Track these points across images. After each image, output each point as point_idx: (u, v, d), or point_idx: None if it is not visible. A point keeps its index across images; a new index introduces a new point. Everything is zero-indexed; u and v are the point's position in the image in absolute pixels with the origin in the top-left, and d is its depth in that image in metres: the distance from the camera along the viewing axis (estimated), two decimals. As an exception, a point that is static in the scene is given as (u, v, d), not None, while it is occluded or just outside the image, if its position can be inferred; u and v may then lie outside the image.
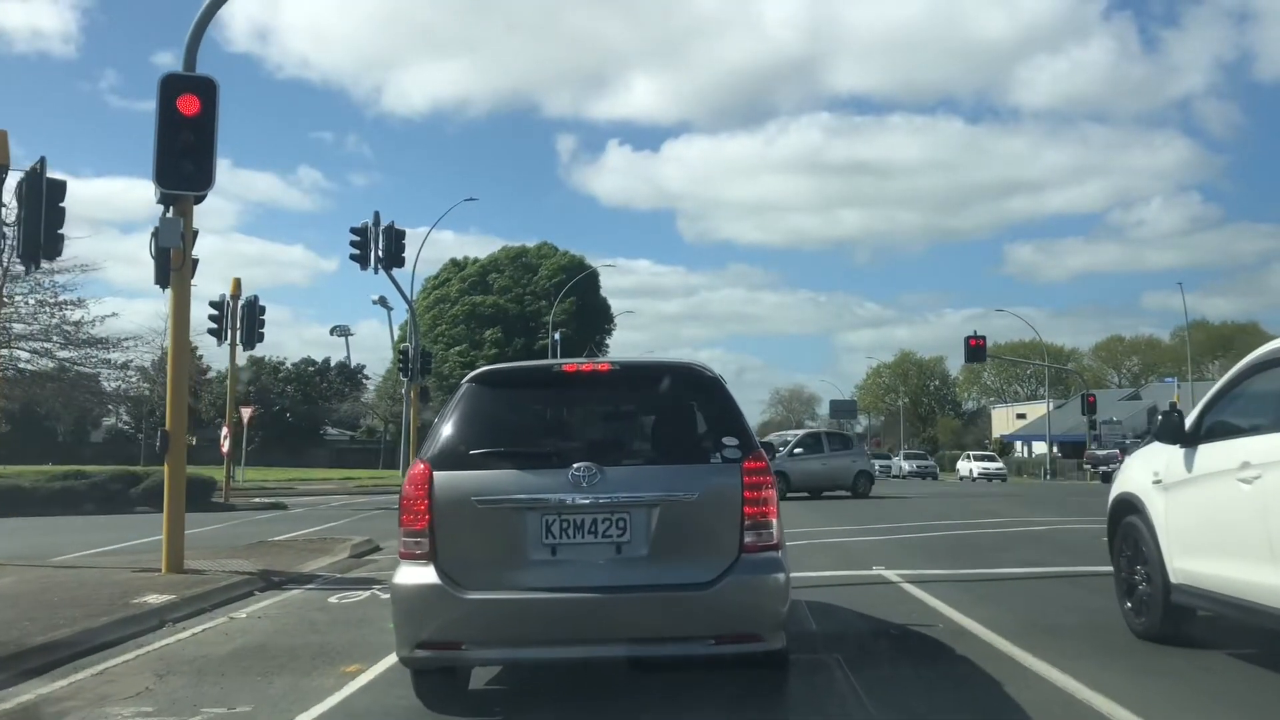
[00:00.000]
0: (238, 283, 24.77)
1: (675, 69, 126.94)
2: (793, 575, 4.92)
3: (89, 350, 25.46)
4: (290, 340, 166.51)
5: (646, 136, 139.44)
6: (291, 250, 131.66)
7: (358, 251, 25.20)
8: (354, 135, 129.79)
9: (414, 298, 33.94)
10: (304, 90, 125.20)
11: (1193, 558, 5.89)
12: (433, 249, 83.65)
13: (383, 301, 76.97)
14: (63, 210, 10.69)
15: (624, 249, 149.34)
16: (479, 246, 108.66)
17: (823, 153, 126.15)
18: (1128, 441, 43.25)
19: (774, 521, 4.81)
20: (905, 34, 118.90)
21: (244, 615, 8.15)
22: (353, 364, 78.42)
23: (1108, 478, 30.40)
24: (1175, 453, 6.17)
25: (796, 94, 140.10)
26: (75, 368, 26.57)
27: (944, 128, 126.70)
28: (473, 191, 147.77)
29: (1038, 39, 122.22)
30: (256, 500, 25.90)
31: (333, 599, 8.90)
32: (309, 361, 74.90)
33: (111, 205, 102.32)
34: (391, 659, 5.74)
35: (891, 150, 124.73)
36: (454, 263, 72.85)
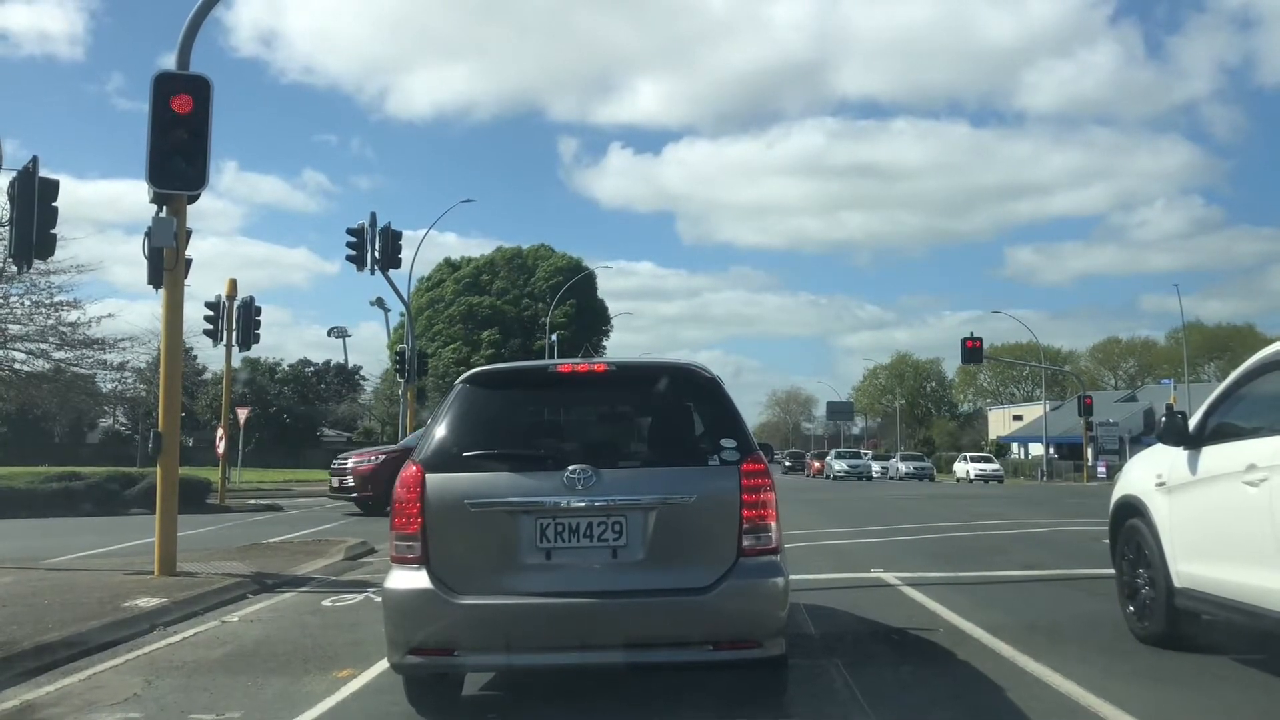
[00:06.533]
0: (233, 283, 24.61)
1: (681, 73, 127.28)
2: (791, 578, 4.85)
3: (85, 351, 25.27)
4: (291, 342, 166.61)
5: (649, 140, 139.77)
6: (295, 253, 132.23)
7: (354, 253, 25.13)
8: (358, 139, 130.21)
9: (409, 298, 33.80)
10: (309, 94, 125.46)
11: (1197, 561, 5.82)
12: (437, 251, 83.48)
13: (380, 303, 77.29)
14: (55, 210, 10.57)
15: (626, 251, 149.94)
16: (481, 249, 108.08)
17: (826, 156, 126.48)
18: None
19: (773, 525, 4.73)
20: (912, 38, 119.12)
21: (236, 619, 8.06)
22: (350, 365, 78.43)
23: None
24: (1179, 455, 6.10)
25: (802, 98, 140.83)
26: (71, 369, 26.41)
27: (949, 131, 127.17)
28: (476, 194, 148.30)
29: (1044, 44, 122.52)
30: (252, 502, 25.76)
31: (326, 602, 8.81)
32: (306, 363, 74.86)
33: (117, 207, 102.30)
34: (384, 664, 5.64)
35: (896, 154, 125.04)
36: (448, 263, 72.72)
